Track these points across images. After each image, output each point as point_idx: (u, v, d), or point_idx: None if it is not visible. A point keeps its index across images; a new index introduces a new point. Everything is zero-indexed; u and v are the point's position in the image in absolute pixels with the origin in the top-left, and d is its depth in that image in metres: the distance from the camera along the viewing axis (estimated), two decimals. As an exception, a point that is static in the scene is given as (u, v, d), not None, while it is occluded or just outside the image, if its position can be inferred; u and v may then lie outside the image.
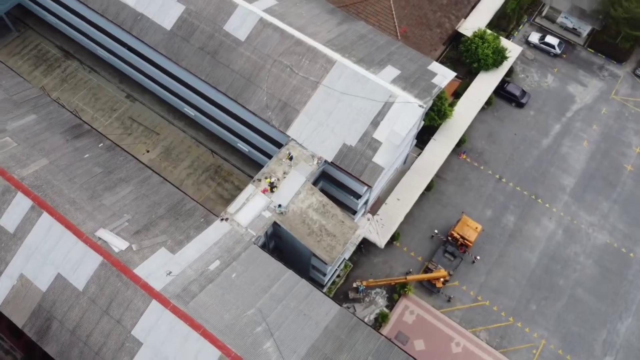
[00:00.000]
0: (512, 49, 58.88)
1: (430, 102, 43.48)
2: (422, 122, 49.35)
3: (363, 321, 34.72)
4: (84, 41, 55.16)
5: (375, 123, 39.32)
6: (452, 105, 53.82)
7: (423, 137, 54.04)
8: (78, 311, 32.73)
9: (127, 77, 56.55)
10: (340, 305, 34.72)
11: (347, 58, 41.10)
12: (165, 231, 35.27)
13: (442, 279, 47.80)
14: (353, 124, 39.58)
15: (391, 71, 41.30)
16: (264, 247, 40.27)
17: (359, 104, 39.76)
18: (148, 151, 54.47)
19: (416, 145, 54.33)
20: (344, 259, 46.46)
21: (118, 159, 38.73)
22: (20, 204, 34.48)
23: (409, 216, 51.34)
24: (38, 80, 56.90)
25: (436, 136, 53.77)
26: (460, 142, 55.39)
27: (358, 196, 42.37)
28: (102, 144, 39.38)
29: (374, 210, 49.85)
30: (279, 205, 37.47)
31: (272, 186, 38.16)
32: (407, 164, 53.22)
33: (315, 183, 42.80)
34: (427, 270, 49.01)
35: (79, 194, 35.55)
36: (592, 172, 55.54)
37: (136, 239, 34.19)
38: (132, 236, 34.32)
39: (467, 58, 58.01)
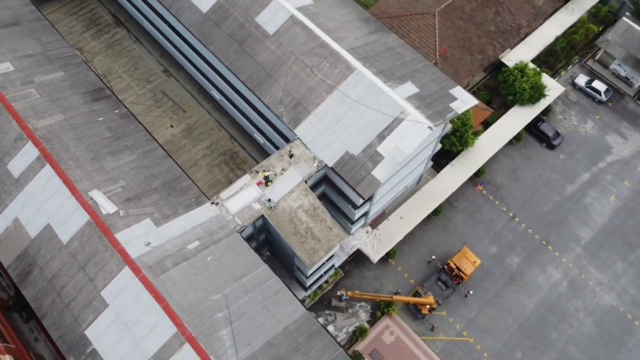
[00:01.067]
0: (554, 88, 56.89)
1: (443, 126, 42.71)
2: (439, 145, 48.55)
3: (327, 331, 34.60)
4: (133, 11, 57.51)
5: (381, 136, 39.03)
6: (476, 134, 52.58)
7: (442, 160, 53.16)
8: (58, 262, 34.29)
9: (167, 53, 58.52)
10: (308, 309, 34.74)
11: (367, 68, 40.97)
12: (155, 204, 36.36)
13: (428, 306, 46.84)
14: (359, 133, 39.43)
15: (409, 88, 40.85)
16: (251, 238, 40.84)
17: (370, 115, 39.58)
18: (172, 126, 56.16)
19: (433, 167, 53.50)
20: (333, 265, 46.31)
21: (129, 127, 40.23)
22: (29, 152, 36.46)
23: (411, 237, 50.62)
24: (86, 41, 59.78)
25: (455, 162, 52.69)
26: (479, 173, 54.05)
27: (355, 206, 42.15)
28: (117, 110, 41.01)
29: (375, 224, 49.42)
30: (269, 200, 37.85)
31: (267, 180, 38.59)
32: (420, 184, 52.48)
33: (317, 186, 42.97)
34: (416, 294, 48.13)
35: (83, 153, 37.22)
36: (613, 229, 52.84)
37: (125, 206, 35.44)
38: (123, 202, 35.61)
39: (503, 89, 56.50)
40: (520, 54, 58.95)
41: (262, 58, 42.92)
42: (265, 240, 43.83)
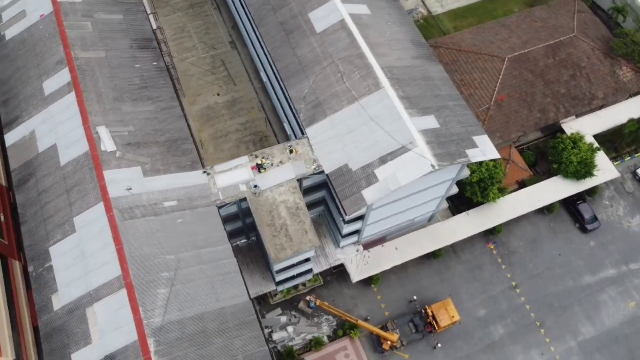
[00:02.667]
0: (607, 170, 52.75)
1: (458, 169, 41.13)
2: (456, 188, 46.89)
3: (261, 327, 34.87)
4: (218, -21, 60.31)
5: (383, 160, 38.41)
6: (503, 190, 49.95)
7: (462, 205, 51.28)
8: (51, 180, 37.25)
9: (237, 26, 60.85)
10: (252, 299, 35.19)
11: (395, 89, 40.37)
12: (152, 156, 38.34)
13: (390, 342, 45.55)
14: (364, 150, 39.04)
15: (429, 121, 39.79)
16: (236, 217, 41.83)
17: (380, 135, 39.05)
18: (219, 94, 58.41)
19: (450, 208, 51.78)
20: (311, 270, 46.25)
21: (159, 81, 42.60)
22: (63, 76, 39.77)
23: (402, 270, 49.48)
24: (171, -3, 63.45)
25: (471, 212, 50.56)
26: (495, 230, 51.49)
27: (344, 220, 41.83)
28: (155, 63, 43.54)
29: (369, 246, 48.65)
30: (255, 186, 38.59)
31: (261, 167, 39.34)
32: (431, 222, 50.94)
33: (318, 189, 43.14)
34: (384, 327, 46.94)
35: (108, 91, 39.97)
36: (619, 336, 48.28)
37: (124, 149, 37.70)
38: (123, 145, 37.89)
39: (550, 155, 53.23)
40: (584, 125, 55.16)
41: (301, 52, 43.61)
42: (253, 225, 44.63)
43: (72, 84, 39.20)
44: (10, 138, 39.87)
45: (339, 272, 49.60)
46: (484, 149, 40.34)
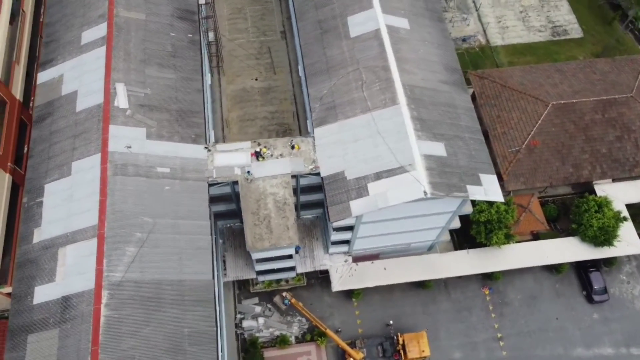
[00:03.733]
0: (632, 244, 49.24)
1: (459, 204, 39.65)
2: (458, 223, 45.40)
3: (215, 310, 35.24)
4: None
5: (378, 175, 37.75)
6: (510, 237, 47.66)
7: (466, 241, 49.60)
8: (64, 123, 39.33)
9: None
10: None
11: (409, 109, 39.54)
12: (160, 121, 39.58)
13: (358, 354, 44.77)
14: (363, 162, 38.53)
15: (437, 148, 38.67)
16: (229, 199, 42.46)
17: (382, 151, 38.40)
18: (257, 79, 59.38)
19: (455, 242, 50.24)
20: (294, 269, 46.19)
21: (189, 53, 43.89)
22: (100, 30, 41.79)
23: (387, 292, 48.57)
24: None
25: (473, 252, 48.71)
26: (493, 276, 49.37)
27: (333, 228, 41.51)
28: (191, 35, 44.87)
29: (359, 259, 47.95)
30: (249, 172, 39.02)
31: (259, 155, 39.71)
32: (430, 252, 49.52)
33: (318, 191, 42.95)
34: (352, 343, 46.17)
35: (137, 52, 41.63)
36: (599, 418, 45.05)
37: (135, 109, 39.17)
38: (136, 105, 39.37)
39: (572, 214, 50.31)
40: (619, 191, 51.81)
41: (331, 53, 43.60)
42: (245, 210, 45.18)
43: (107, 38, 41.11)
44: (42, 77, 42.39)
45: (325, 278, 49.23)
46: (488, 189, 38.73)
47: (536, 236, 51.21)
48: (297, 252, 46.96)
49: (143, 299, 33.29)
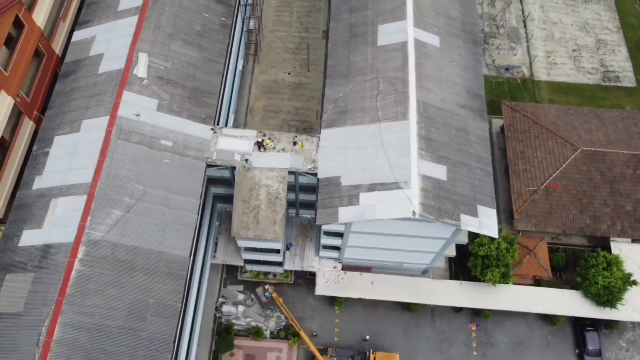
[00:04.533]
0: (637, 310, 46.30)
1: (453, 232, 38.48)
2: (453, 252, 44.11)
3: (185, 287, 35.73)
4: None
5: (372, 187, 37.20)
6: (507, 276, 45.76)
7: (463, 272, 48.20)
8: (84, 82, 40.95)
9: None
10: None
11: (418, 127, 38.75)
12: (173, 96, 40.50)
13: (324, 364, 44.44)
14: (360, 171, 38.08)
15: (438, 171, 37.71)
16: (227, 182, 42.92)
17: (381, 163, 37.83)
18: (289, 73, 59.94)
19: (450, 269, 48.94)
20: (281, 264, 46.23)
21: (217, 36, 44.65)
22: (137, 1, 43.16)
23: (371, 306, 47.89)
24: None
25: (467, 284, 47.22)
26: (482, 313, 47.68)
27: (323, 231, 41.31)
28: (224, 19, 45.64)
29: (349, 268, 47.39)
30: (247, 160, 39.33)
31: (261, 145, 39.95)
32: (426, 275, 48.38)
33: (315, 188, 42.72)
34: (325, 350, 45.73)
35: (166, 26, 42.75)
36: None
37: (152, 80, 40.27)
38: (153, 77, 40.46)
39: (579, 266, 47.87)
40: (637, 254, 48.87)
41: (354, 58, 43.31)
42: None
43: (141, 9, 42.44)
44: (76, 36, 44.31)
45: (312, 280, 48.72)
46: (484, 223, 37.45)
47: (538, 282, 49.09)
48: (288, 248, 47.14)
49: (117, 261, 34.18)
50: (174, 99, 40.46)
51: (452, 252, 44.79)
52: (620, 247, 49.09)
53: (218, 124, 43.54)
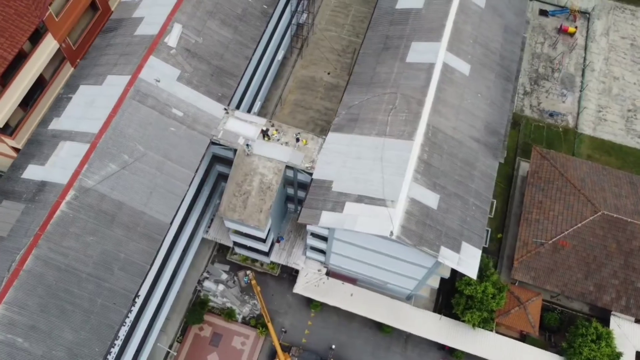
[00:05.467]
0: (621, 393, 43.44)
1: (434, 263, 37.59)
2: (436, 284, 43.13)
3: (158, 251, 37.04)
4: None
5: (359, 199, 36.98)
6: (488, 322, 44.20)
7: (445, 308, 47.04)
8: (120, 40, 43.01)
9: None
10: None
11: (422, 150, 38.09)
12: (196, 70, 41.87)
13: (278, 360, 44.68)
14: (353, 181, 37.91)
15: (430, 198, 36.96)
16: (230, 162, 43.73)
17: (375, 177, 37.51)
18: (329, 73, 60.32)
19: (435, 301, 47.88)
20: (268, 254, 46.77)
21: (254, 23, 45.54)
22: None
23: (347, 318, 47.78)
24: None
25: (446, 319, 45.98)
26: (454, 353, 46.24)
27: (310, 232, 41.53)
28: (266, 7, 46.60)
29: (335, 276, 47.28)
30: (248, 145, 40.06)
31: (266, 134, 40.57)
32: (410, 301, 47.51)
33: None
34: (289, 347, 45.93)
35: (209, 4, 44.15)
36: None
37: (180, 51, 41.80)
38: (182, 48, 41.94)
39: (570, 333, 45.39)
40: (636, 335, 45.79)
41: (379, 70, 43.09)
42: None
43: (181, -7, 44.10)
44: (126, -2, 46.79)
45: (294, 278, 49.17)
46: (464, 260, 36.36)
47: (524, 337, 47.03)
48: (278, 241, 47.65)
49: (100, 211, 35.89)
50: (196, 73, 41.83)
51: (435, 282, 43.87)
52: (620, 324, 46.20)
53: (236, 107, 44.59)
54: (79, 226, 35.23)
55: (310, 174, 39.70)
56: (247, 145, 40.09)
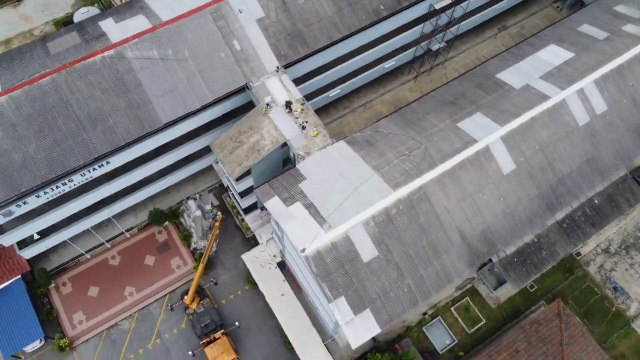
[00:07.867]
0: None
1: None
2: (347, 341, 40.44)
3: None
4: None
5: (308, 206, 35.86)
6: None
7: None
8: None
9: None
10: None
11: (394, 205, 35.50)
12: (278, 21, 43.23)
13: (188, 301, 45.87)
14: (319, 189, 36.61)
15: (366, 247, 34.58)
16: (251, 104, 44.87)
17: (336, 198, 35.93)
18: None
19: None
20: (246, 212, 47.85)
21: (362, 16, 44.30)
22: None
23: (267, 313, 47.13)
24: None
25: (342, 379, 43.13)
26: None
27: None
28: (382, 7, 45.99)
29: (289, 273, 46.92)
30: (268, 104, 40.63)
31: (289, 106, 40.64)
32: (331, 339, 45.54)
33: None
34: (202, 294, 47.13)
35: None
36: None
37: (277, 3, 43.71)
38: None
39: None
40: None
41: (430, 117, 40.67)
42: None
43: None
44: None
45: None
46: (356, 325, 33.95)
47: None
48: (262, 209, 48.48)
49: (120, 79, 40.07)
50: (276, 24, 43.44)
51: (344, 337, 41.22)
52: None
53: (300, 78, 45.45)
54: (96, 78, 39.77)
55: (296, 164, 39.44)
56: (268, 104, 40.98)
